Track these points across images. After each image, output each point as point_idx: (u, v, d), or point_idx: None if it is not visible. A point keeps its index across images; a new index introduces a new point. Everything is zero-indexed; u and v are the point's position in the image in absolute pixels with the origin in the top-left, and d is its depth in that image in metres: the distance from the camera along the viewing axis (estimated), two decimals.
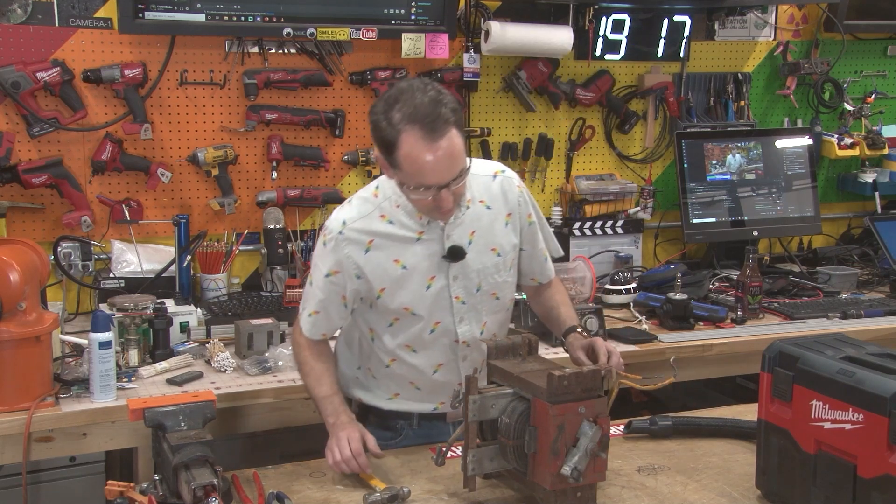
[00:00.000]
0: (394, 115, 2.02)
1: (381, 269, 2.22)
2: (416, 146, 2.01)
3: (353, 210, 2.25)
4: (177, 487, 1.94)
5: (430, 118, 2.00)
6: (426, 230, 2.23)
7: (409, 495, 2.02)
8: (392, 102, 2.04)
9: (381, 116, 2.05)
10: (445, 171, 2.05)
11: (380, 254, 2.22)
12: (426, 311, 2.26)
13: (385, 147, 2.06)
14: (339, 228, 2.22)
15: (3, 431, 2.38)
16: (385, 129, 2.04)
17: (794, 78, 4.22)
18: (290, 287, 3.27)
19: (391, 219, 2.22)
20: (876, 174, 4.33)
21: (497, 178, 2.33)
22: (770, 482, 1.99)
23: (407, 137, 2.01)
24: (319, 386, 2.29)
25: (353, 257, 2.21)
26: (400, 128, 2.01)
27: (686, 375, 3.21)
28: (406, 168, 2.05)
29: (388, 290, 2.24)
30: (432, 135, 2.00)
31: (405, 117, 2.01)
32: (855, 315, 3.41)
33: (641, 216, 3.98)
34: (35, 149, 3.20)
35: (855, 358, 1.84)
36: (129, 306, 2.79)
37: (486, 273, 2.29)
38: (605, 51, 3.89)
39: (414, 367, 2.32)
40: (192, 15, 3.23)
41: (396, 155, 2.04)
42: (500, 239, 2.31)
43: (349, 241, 2.21)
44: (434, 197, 2.08)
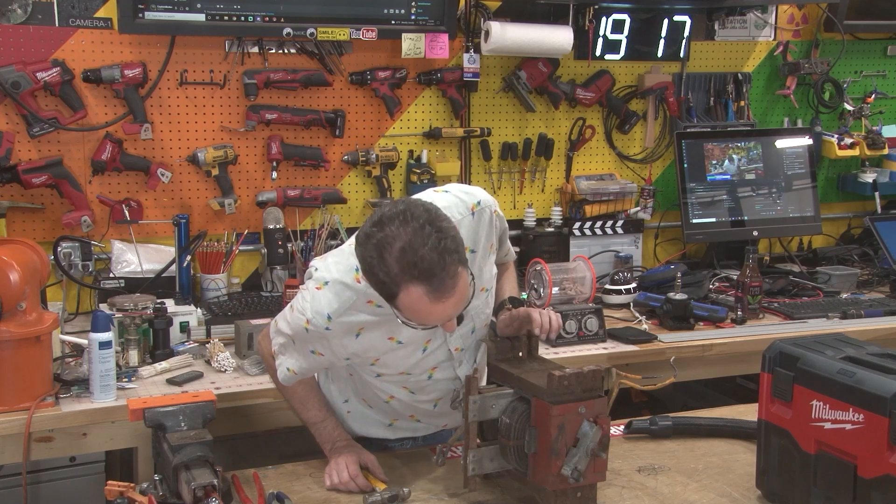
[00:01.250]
0: (391, 263, 1.78)
1: (373, 347, 2.06)
2: (421, 302, 1.81)
3: (335, 301, 1.98)
4: (177, 487, 1.94)
5: (437, 277, 1.78)
6: None
7: (409, 495, 2.02)
8: (384, 245, 1.79)
9: (374, 262, 1.80)
10: (451, 314, 1.89)
11: (372, 335, 2.04)
12: (423, 369, 2.15)
13: (382, 291, 1.85)
14: (325, 324, 1.99)
15: (3, 431, 2.38)
16: (382, 279, 1.81)
17: (794, 78, 4.22)
18: (290, 287, 3.26)
19: (379, 302, 1.95)
20: (876, 174, 4.33)
21: (475, 215, 2.10)
22: (770, 482, 1.99)
23: (410, 293, 1.80)
24: (306, 410, 2.21)
25: (344, 345, 2.05)
26: (400, 282, 1.79)
27: (686, 375, 3.21)
28: (409, 315, 1.87)
29: (383, 360, 2.11)
30: (439, 293, 1.80)
31: (405, 271, 1.78)
32: (855, 315, 3.41)
33: (641, 216, 3.98)
34: (35, 149, 3.20)
35: (855, 358, 1.84)
36: (129, 306, 2.79)
37: (477, 312, 2.15)
38: (605, 51, 3.89)
39: (412, 405, 2.23)
40: (192, 15, 3.23)
41: (396, 303, 1.84)
42: (486, 276, 2.17)
43: (337, 334, 2.02)
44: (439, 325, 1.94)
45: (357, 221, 3.64)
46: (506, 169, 3.87)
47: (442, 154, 3.75)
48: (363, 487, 2.07)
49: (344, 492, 2.07)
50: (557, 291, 3.35)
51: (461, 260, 1.83)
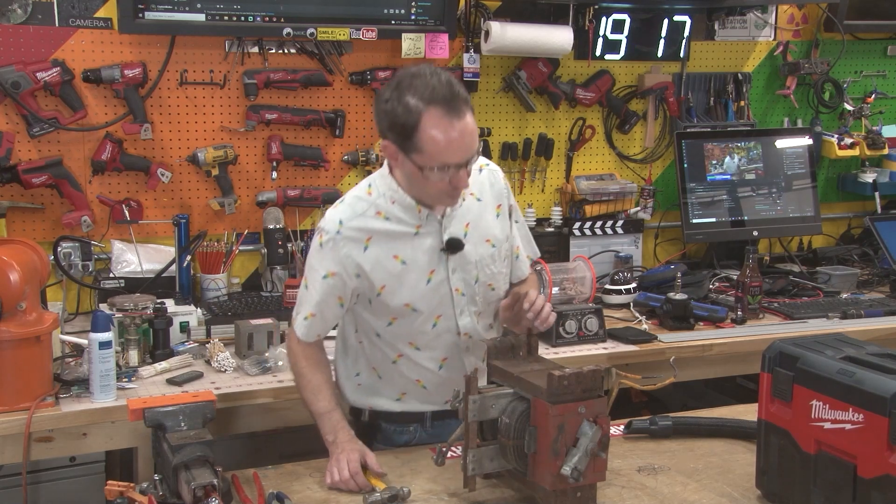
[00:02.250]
0: (408, 99, 2.04)
1: (380, 265, 2.21)
2: (440, 125, 2.03)
3: (348, 209, 2.23)
4: (177, 487, 1.94)
5: (448, 98, 2.04)
6: (424, 224, 2.23)
7: (409, 495, 2.02)
8: (404, 88, 2.06)
9: (394, 103, 2.06)
10: (466, 150, 2.08)
11: (378, 250, 2.20)
12: (427, 306, 2.25)
13: (403, 132, 2.07)
14: (336, 228, 2.20)
15: (3, 431, 2.38)
16: (402, 115, 2.05)
17: (794, 78, 4.22)
18: (290, 287, 3.26)
19: (387, 215, 2.21)
20: (876, 174, 4.33)
21: (483, 172, 2.34)
22: (770, 482, 1.99)
23: (429, 118, 2.03)
24: (317, 401, 2.26)
25: (353, 256, 2.20)
26: (420, 110, 2.03)
27: (686, 375, 3.21)
28: (428, 149, 2.06)
29: (388, 288, 2.22)
30: (454, 113, 2.04)
31: (423, 99, 2.03)
32: (855, 315, 3.41)
33: (641, 216, 3.98)
34: (35, 149, 3.20)
35: (855, 358, 1.84)
36: (129, 306, 2.79)
37: (482, 264, 2.29)
38: (605, 51, 3.89)
39: (419, 365, 2.31)
40: (192, 15, 3.24)
41: (417, 137, 2.05)
42: (493, 230, 2.32)
43: (347, 240, 2.20)
44: (452, 178, 2.10)
45: None
46: (506, 169, 3.86)
47: None
48: (363, 486, 2.08)
49: (344, 491, 2.07)
50: (557, 291, 3.35)
51: (468, 100, 2.09)
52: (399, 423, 2.38)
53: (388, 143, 2.13)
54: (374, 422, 2.39)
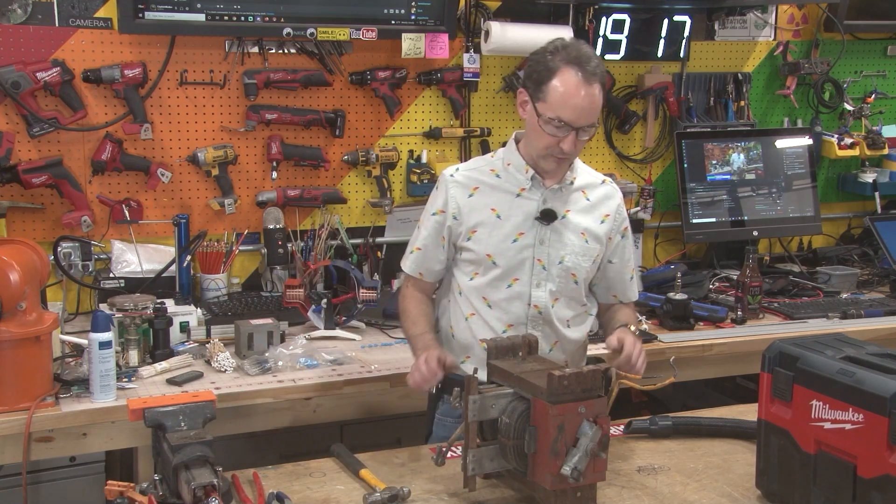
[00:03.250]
0: (556, 56, 2.28)
1: (477, 212, 2.41)
2: (569, 81, 2.25)
3: (469, 163, 2.54)
4: (177, 487, 1.94)
5: (588, 66, 2.26)
6: (528, 188, 2.41)
7: (409, 495, 2.02)
8: (558, 49, 2.29)
9: (544, 55, 2.30)
10: (583, 114, 2.27)
11: (480, 200, 2.42)
12: (507, 263, 2.40)
13: (537, 79, 2.29)
14: (451, 173, 2.47)
15: (3, 431, 2.38)
16: (543, 64, 2.29)
17: (794, 78, 4.22)
18: (290, 287, 3.26)
19: (499, 173, 2.44)
20: (876, 174, 4.33)
21: (605, 185, 2.52)
22: (770, 482, 1.99)
23: (564, 73, 2.26)
24: (414, 326, 2.46)
25: (457, 198, 2.43)
26: (559, 65, 2.26)
27: (686, 375, 3.21)
28: (552, 99, 2.27)
29: (478, 234, 2.41)
30: (586, 77, 2.25)
31: (566, 59, 2.26)
32: (855, 315, 3.41)
33: (641, 216, 3.98)
34: (35, 149, 3.20)
35: (855, 358, 1.84)
36: (129, 306, 2.79)
37: (571, 249, 2.42)
38: (605, 51, 3.88)
39: (487, 324, 2.42)
40: (192, 15, 3.24)
41: (547, 85, 2.27)
42: (592, 228, 2.46)
43: (457, 184, 2.44)
44: (562, 137, 2.28)
45: (357, 221, 3.65)
46: None
47: (442, 154, 3.75)
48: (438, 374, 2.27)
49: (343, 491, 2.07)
50: None
51: (604, 82, 2.31)
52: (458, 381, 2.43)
53: (523, 90, 2.35)
54: (439, 394, 2.51)
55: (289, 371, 2.76)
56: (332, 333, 3.12)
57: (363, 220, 3.67)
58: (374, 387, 2.76)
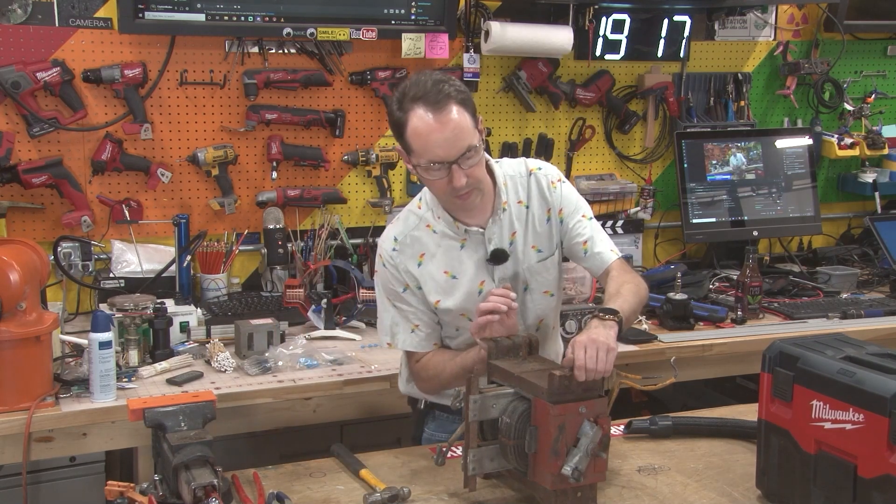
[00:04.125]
0: (402, 103, 2.13)
1: (433, 280, 2.28)
2: (420, 121, 2.09)
3: (401, 224, 2.32)
4: (177, 487, 1.94)
5: (431, 94, 2.09)
6: (467, 237, 2.28)
7: (409, 495, 2.02)
8: (404, 92, 2.14)
9: (394, 106, 2.16)
10: (451, 145, 2.09)
11: (430, 266, 2.28)
12: None
13: (397, 132, 2.16)
14: (392, 246, 2.30)
15: (3, 431, 2.38)
16: (395, 114, 2.14)
17: (794, 78, 4.22)
18: (290, 287, 3.26)
19: (435, 228, 2.29)
20: (876, 174, 4.33)
21: (532, 176, 2.35)
22: (770, 482, 1.99)
23: (412, 115, 2.11)
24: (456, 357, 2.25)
25: (410, 270, 2.28)
26: (407, 108, 2.11)
27: (686, 375, 3.21)
28: (415, 146, 2.12)
29: (442, 302, 2.28)
30: (434, 107, 2.08)
31: (409, 98, 2.12)
32: (855, 315, 3.41)
33: (641, 216, 3.98)
34: (35, 149, 3.20)
35: (855, 358, 1.84)
36: (129, 306, 2.79)
37: (533, 272, 2.33)
38: (605, 51, 3.89)
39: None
40: (192, 15, 3.24)
41: (406, 136, 2.13)
42: (542, 237, 2.34)
43: (403, 256, 2.28)
44: (447, 177, 2.12)
45: (357, 221, 3.65)
46: None
47: None
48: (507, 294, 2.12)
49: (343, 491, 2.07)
50: None
51: (460, 99, 2.11)
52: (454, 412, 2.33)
53: (398, 147, 2.20)
54: (429, 410, 2.46)
55: (289, 371, 2.76)
56: (332, 333, 3.12)
57: (363, 220, 3.67)
58: (374, 387, 2.76)
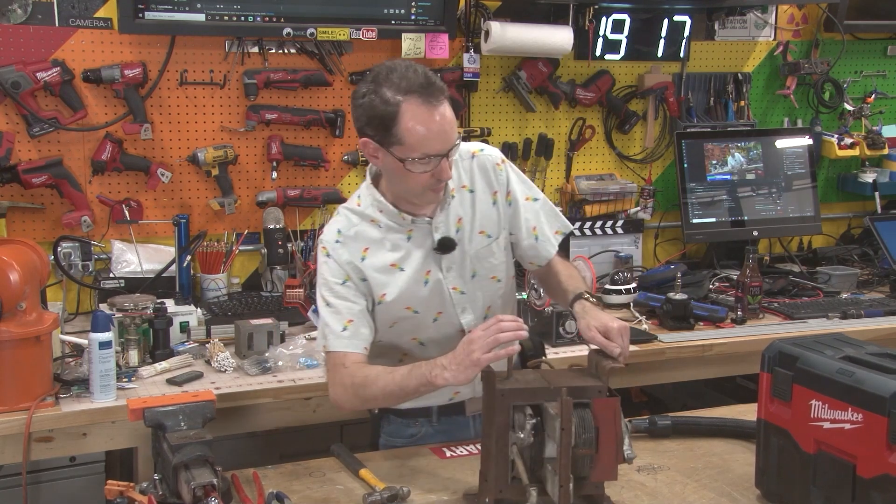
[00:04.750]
0: (385, 91, 2.03)
1: (378, 272, 2.22)
2: (418, 115, 2.02)
3: (343, 220, 2.25)
4: (177, 487, 1.94)
5: (425, 86, 2.03)
6: (414, 227, 2.23)
7: (408, 495, 2.02)
8: (380, 81, 2.04)
9: (372, 97, 2.04)
10: (446, 139, 2.06)
11: (375, 259, 2.21)
12: (424, 306, 2.25)
13: (382, 125, 2.04)
14: (335, 238, 2.22)
15: (3, 431, 2.38)
16: (380, 107, 2.03)
17: (794, 78, 4.22)
18: (290, 287, 3.27)
19: (380, 223, 2.23)
20: (876, 174, 4.33)
21: (475, 158, 2.29)
22: (770, 482, 1.99)
23: (407, 108, 2.02)
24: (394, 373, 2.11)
25: (354, 262, 2.21)
26: (398, 100, 2.02)
27: (686, 375, 3.21)
28: (409, 140, 2.04)
29: (388, 294, 2.22)
30: (432, 101, 2.03)
31: (401, 91, 2.02)
32: (855, 315, 3.41)
33: (641, 216, 3.98)
34: (35, 149, 3.20)
35: (854, 358, 1.84)
36: (129, 306, 2.79)
37: (479, 258, 2.27)
38: (605, 51, 3.89)
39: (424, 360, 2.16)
40: (192, 15, 3.24)
41: (396, 129, 2.03)
42: (488, 221, 2.28)
43: (346, 248, 2.21)
44: (434, 169, 2.08)
45: None
46: None
47: None
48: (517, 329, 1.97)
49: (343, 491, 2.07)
50: None
51: (445, 90, 2.07)
52: (407, 416, 2.39)
53: (368, 139, 2.09)
54: (383, 414, 2.41)
55: (289, 371, 2.76)
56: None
57: None
58: None
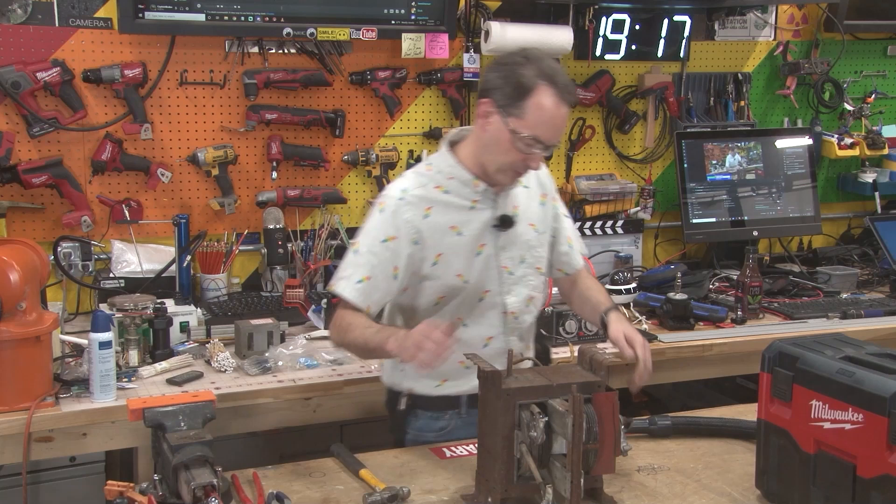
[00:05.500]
0: (532, 68, 2.18)
1: (438, 233, 2.30)
2: (548, 100, 2.17)
3: (410, 180, 2.35)
4: (176, 487, 1.94)
5: (565, 87, 2.21)
6: (480, 198, 2.34)
7: (408, 495, 2.02)
8: (531, 59, 2.20)
9: (517, 67, 2.19)
10: (557, 134, 2.25)
11: (437, 219, 2.31)
12: (475, 278, 2.33)
13: (514, 93, 2.18)
14: (399, 195, 2.31)
15: (3, 431, 2.38)
16: (522, 77, 2.18)
17: (794, 78, 4.22)
18: (290, 287, 3.27)
19: (446, 189, 2.33)
20: (876, 174, 4.33)
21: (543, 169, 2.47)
22: (770, 482, 1.99)
23: (544, 91, 2.17)
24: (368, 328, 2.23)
25: (413, 222, 2.29)
26: (535, 81, 2.17)
27: (686, 375, 3.21)
28: (530, 117, 2.18)
29: (443, 257, 2.31)
30: (564, 98, 2.20)
31: (545, 76, 2.18)
32: (855, 315, 3.41)
33: (641, 216, 3.98)
34: (35, 149, 3.20)
35: (854, 358, 1.84)
36: (129, 306, 2.79)
37: (529, 246, 2.41)
38: (605, 51, 3.89)
39: (464, 343, 2.28)
40: (192, 15, 3.24)
41: (526, 102, 2.17)
42: (537, 217, 2.45)
43: (409, 206, 2.29)
44: (530, 155, 2.22)
45: (357, 221, 3.63)
46: None
47: None
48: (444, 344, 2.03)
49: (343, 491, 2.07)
50: (557, 291, 3.35)
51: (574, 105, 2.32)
52: (436, 409, 2.42)
53: (490, 101, 2.22)
54: (411, 410, 2.44)
55: (289, 371, 2.77)
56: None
57: (363, 220, 3.64)
58: (374, 387, 2.75)
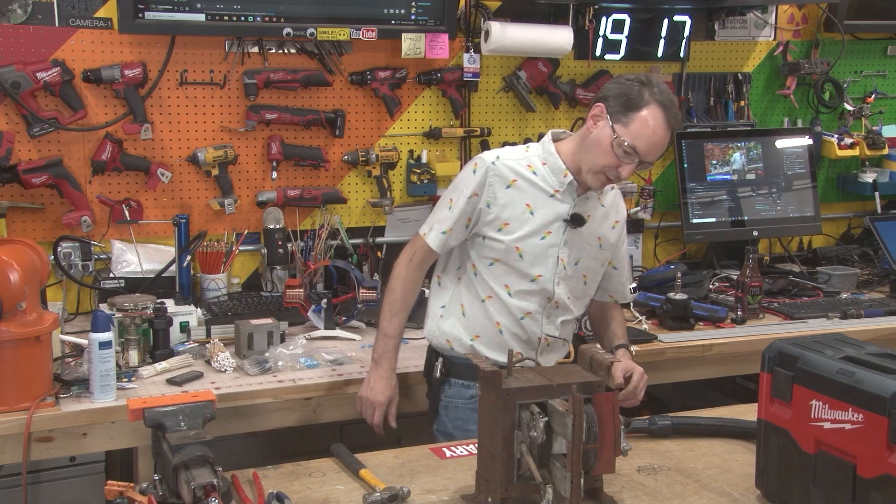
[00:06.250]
0: (648, 91, 2.39)
1: (512, 205, 2.48)
2: (656, 118, 2.38)
3: (507, 152, 2.55)
4: (176, 487, 1.94)
5: (673, 114, 2.41)
6: (563, 190, 2.50)
7: (409, 495, 2.02)
8: (650, 84, 2.41)
9: (636, 85, 2.40)
10: (654, 151, 2.42)
11: (517, 194, 2.49)
12: (532, 258, 2.49)
13: (626, 102, 2.39)
14: (493, 159, 2.50)
15: (3, 431, 2.38)
16: (636, 94, 2.39)
17: (794, 78, 4.22)
18: (290, 287, 3.26)
19: (536, 170, 2.51)
20: (876, 174, 4.33)
21: (614, 189, 2.65)
22: (770, 482, 1.99)
23: (654, 108, 2.38)
24: (389, 320, 2.56)
25: (494, 187, 2.48)
26: (651, 100, 2.39)
27: (686, 375, 3.21)
28: (635, 127, 2.38)
29: (510, 227, 2.48)
30: (668, 121, 2.40)
31: (657, 100, 2.39)
32: (855, 315, 3.41)
33: (641, 216, 3.98)
34: (35, 149, 3.20)
35: (854, 358, 1.84)
36: (129, 306, 2.79)
37: (587, 253, 2.56)
38: (605, 51, 3.89)
39: (505, 308, 2.53)
40: (192, 15, 3.24)
41: (635, 113, 2.38)
42: (606, 235, 2.60)
43: (497, 173, 2.48)
44: (622, 165, 2.40)
45: (357, 221, 3.65)
46: None
47: (442, 154, 3.75)
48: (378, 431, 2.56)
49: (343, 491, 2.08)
50: None
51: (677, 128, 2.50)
52: (467, 377, 2.56)
53: (604, 106, 2.43)
54: (445, 378, 2.61)
55: (289, 371, 2.77)
56: (332, 333, 3.13)
57: (363, 220, 3.67)
58: None
